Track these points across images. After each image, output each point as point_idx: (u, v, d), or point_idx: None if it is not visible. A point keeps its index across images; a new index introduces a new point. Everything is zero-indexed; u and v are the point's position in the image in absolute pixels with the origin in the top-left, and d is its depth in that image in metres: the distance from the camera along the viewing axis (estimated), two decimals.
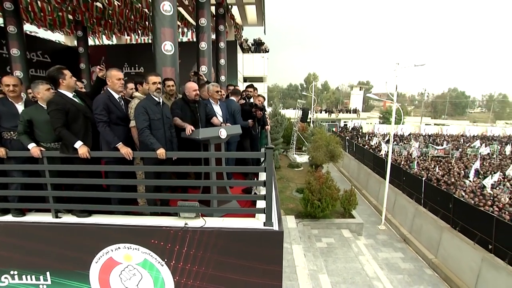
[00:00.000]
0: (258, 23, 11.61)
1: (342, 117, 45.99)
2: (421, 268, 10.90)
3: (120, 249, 2.86)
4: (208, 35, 6.71)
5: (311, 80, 70.08)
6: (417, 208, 12.80)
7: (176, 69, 4.28)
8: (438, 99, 66.55)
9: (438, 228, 11.13)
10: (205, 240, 2.77)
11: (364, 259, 10.86)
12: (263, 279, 2.83)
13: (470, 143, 25.02)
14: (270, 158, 2.73)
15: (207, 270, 2.83)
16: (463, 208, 10.37)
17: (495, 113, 59.72)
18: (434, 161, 18.99)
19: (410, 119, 46.16)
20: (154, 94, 3.00)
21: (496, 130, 31.86)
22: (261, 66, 15.75)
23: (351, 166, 23.25)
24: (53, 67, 2.90)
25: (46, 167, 2.91)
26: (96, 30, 12.21)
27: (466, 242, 9.75)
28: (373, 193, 17.71)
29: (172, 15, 4.07)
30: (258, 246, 2.78)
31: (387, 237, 13.29)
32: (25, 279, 3.05)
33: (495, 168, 16.94)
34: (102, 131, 2.84)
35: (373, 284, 9.37)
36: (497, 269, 8.44)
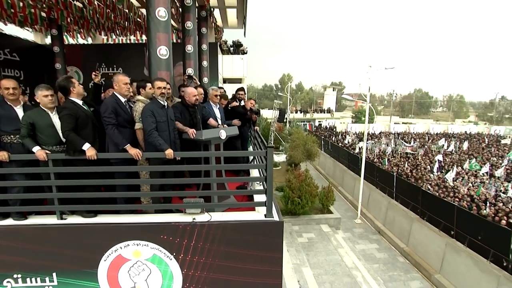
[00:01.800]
0: (238, 25, 11.83)
1: (317, 117, 47.36)
2: (395, 256, 11.73)
3: (129, 246, 2.99)
4: (194, 38, 6.86)
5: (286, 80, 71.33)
6: (389, 201, 13.70)
7: (170, 72, 4.41)
8: (405, 99, 70.62)
9: (409, 219, 12.02)
10: (212, 233, 2.99)
11: (343, 251, 11.48)
12: (266, 266, 3.10)
13: (434, 140, 26.97)
14: (270, 156, 3.01)
15: (214, 261, 3.04)
16: (430, 199, 11.32)
17: (454, 112, 64.50)
18: (403, 157, 20.31)
19: (380, 118, 48.61)
20: (159, 98, 3.17)
21: (455, 128, 34.56)
22: (240, 68, 15.99)
23: (327, 164, 24.15)
24: (61, 77, 3.01)
25: (51, 169, 2.96)
26: (70, 29, 11.77)
27: (432, 230, 10.66)
28: (349, 189, 18.58)
29: (166, 20, 4.21)
30: (260, 236, 3.04)
31: (363, 230, 14.08)
32: (29, 281, 3.06)
33: (455, 163, 18.48)
34: (111, 133, 2.96)
35: (352, 273, 9.97)
36: (458, 252, 9.36)
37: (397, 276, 10.48)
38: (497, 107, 60.32)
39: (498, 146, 25.31)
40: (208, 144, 3.46)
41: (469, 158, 19.21)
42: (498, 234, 8.38)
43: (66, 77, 3.04)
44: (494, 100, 61.18)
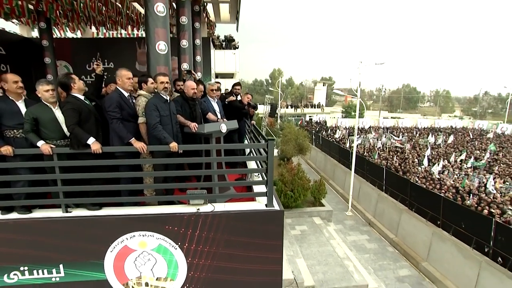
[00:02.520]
0: (231, 20, 11.83)
1: (307, 111, 47.72)
2: (384, 247, 12.14)
3: (135, 237, 3.08)
4: (189, 33, 6.88)
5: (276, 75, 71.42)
6: (379, 194, 14.09)
7: (169, 67, 4.46)
8: (393, 94, 71.87)
9: (398, 211, 12.43)
10: (215, 223, 3.11)
11: (335, 242, 11.78)
12: (267, 253, 3.25)
13: (422, 134, 27.67)
14: (271, 148, 3.14)
15: (218, 249, 3.17)
16: (418, 191, 11.72)
17: (441, 107, 66.11)
18: (392, 151, 20.81)
19: (370, 113, 49.38)
20: (162, 92, 3.24)
21: (441, 123, 35.49)
22: (232, 63, 15.99)
23: (318, 158, 24.50)
24: (61, 74, 3.06)
25: (56, 163, 3.01)
26: (59, 22, 11.52)
27: (420, 220, 11.08)
28: (340, 182, 18.96)
29: (165, 16, 4.25)
30: (262, 225, 3.19)
31: (354, 222, 14.46)
32: (36, 273, 3.12)
33: (441, 156, 19.08)
34: (116, 127, 3.02)
35: (344, 263, 10.28)
36: (444, 240, 9.79)
37: (386, 265, 10.88)
38: (480, 102, 62.07)
39: (482, 140, 26.19)
40: (209, 137, 3.57)
41: (454, 152, 19.84)
42: (480, 223, 8.80)
43: (66, 74, 3.09)
44: (478, 96, 62.94)
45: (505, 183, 13.95)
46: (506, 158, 19.39)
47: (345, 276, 9.60)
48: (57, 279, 3.14)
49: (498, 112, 56.85)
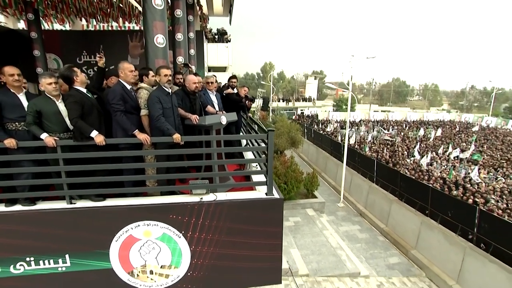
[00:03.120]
0: (223, 13, 11.78)
1: (299, 105, 47.97)
2: (375, 236, 12.52)
3: (139, 226, 3.17)
4: (184, 26, 6.86)
5: (268, 69, 71.31)
6: (370, 185, 14.45)
7: (167, 60, 4.49)
8: (383, 88, 72.79)
9: (388, 201, 12.80)
10: (218, 211, 3.22)
11: (327, 233, 12.10)
12: (267, 239, 3.40)
13: (411, 127, 28.28)
14: (271, 138, 3.25)
15: (220, 237, 3.30)
16: (407, 182, 12.08)
17: (429, 100, 67.40)
18: (382, 144, 21.24)
19: (360, 107, 49.95)
20: (165, 85, 3.30)
21: (430, 116, 36.29)
22: (225, 56, 15.93)
23: (310, 151, 24.79)
24: (63, 67, 3.06)
25: (60, 155, 3.06)
26: (47, 13, 11.23)
27: (409, 210, 11.45)
28: (332, 174, 19.29)
29: (163, 9, 4.26)
30: (262, 212, 3.33)
31: (345, 213, 14.82)
32: (42, 264, 3.18)
33: (430, 148, 19.61)
34: (120, 119, 3.08)
35: (337, 253, 10.59)
36: (432, 228, 10.19)
37: (377, 253, 11.25)
38: (467, 96, 63.52)
39: (468, 132, 26.95)
40: (209, 129, 3.65)
41: (442, 144, 20.40)
42: (465, 211, 9.20)
43: (68, 67, 3.10)
44: (465, 89, 64.36)
45: (489, 174, 14.51)
46: (490, 150, 20.07)
47: (338, 265, 9.91)
48: (63, 269, 3.21)
49: (483, 105, 58.35)
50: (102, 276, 3.27)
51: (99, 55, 3.43)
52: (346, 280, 9.32)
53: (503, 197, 11.25)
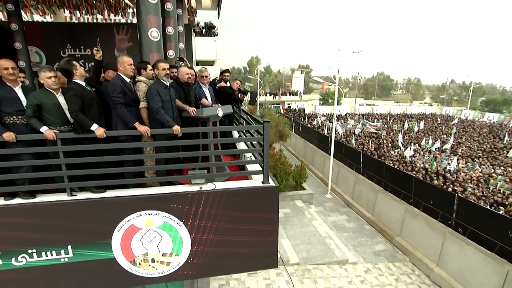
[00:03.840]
0: (212, 7, 11.72)
1: (286, 99, 48.25)
2: (362, 225, 13.00)
3: (141, 216, 3.27)
4: (174, 20, 6.85)
5: (255, 63, 71.16)
6: (357, 176, 14.90)
7: (161, 54, 4.54)
8: (368, 82, 74.22)
9: (374, 192, 13.27)
10: (217, 200, 3.36)
11: (316, 223, 12.47)
12: (263, 226, 3.58)
13: (395, 120, 29.12)
14: (267, 129, 3.41)
15: (219, 224, 3.44)
16: (392, 173, 12.56)
17: (412, 94, 69.32)
18: (368, 137, 21.83)
19: (346, 100, 50.74)
20: (164, 78, 3.38)
21: (413, 109, 37.45)
22: (213, 50, 15.88)
23: (298, 145, 25.15)
24: (62, 61, 3.09)
25: (60, 148, 3.10)
26: (27, 4, 10.83)
27: (394, 199, 11.94)
28: (319, 167, 19.71)
29: (156, 2, 4.29)
30: (259, 200, 3.50)
31: (333, 204, 15.26)
32: (44, 255, 3.22)
33: (413, 140, 20.34)
34: (121, 112, 3.14)
35: (326, 242, 10.97)
36: (415, 216, 10.70)
37: (364, 241, 11.72)
38: (447, 90, 65.67)
39: (448, 125, 28.04)
40: (206, 121, 3.77)
41: (425, 136, 21.17)
42: (445, 199, 9.72)
43: (68, 60, 3.12)
44: (446, 84, 66.49)
45: (467, 164, 15.26)
46: (468, 141, 21.03)
47: (327, 253, 10.29)
48: (66, 260, 3.27)
49: (462, 99, 60.54)
50: (104, 266, 3.35)
51: (96, 48, 3.45)
52: (335, 267, 9.71)
53: (479, 185, 11.94)
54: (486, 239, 8.29)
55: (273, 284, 8.40)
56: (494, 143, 20.21)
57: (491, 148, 18.69)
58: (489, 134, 23.60)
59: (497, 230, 8.01)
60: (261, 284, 8.29)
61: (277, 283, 8.44)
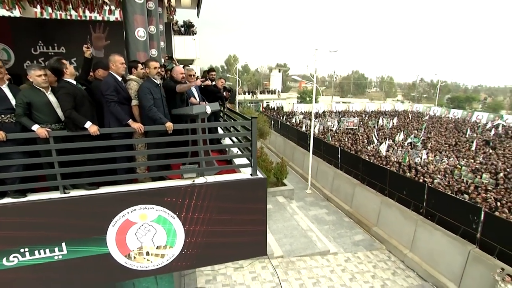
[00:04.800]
0: (191, 6, 11.73)
1: (264, 97, 48.69)
2: (341, 218, 13.58)
3: (136, 210, 3.36)
4: (156, 18, 6.88)
5: (232, 62, 71.02)
6: (335, 171, 15.49)
7: (148, 53, 4.62)
8: (344, 80, 76.50)
9: (352, 185, 13.89)
10: (209, 192, 3.53)
11: (298, 217, 12.87)
12: (253, 216, 3.80)
13: (370, 117, 30.38)
14: (255, 124, 3.62)
15: (211, 215, 3.61)
16: (368, 167, 13.22)
17: (386, 92, 72.37)
18: (344, 133, 22.66)
19: (323, 98, 52.15)
20: (155, 77, 3.48)
21: (386, 106, 39.21)
22: (192, 49, 15.79)
23: (277, 142, 25.57)
24: (52, 59, 3.10)
25: (52, 146, 3.13)
26: None
27: (371, 192, 12.60)
28: (299, 163, 20.22)
29: (143, 3, 4.37)
30: (249, 191, 3.72)
31: (313, 198, 15.77)
32: (37, 254, 3.22)
33: (387, 136, 21.38)
34: (114, 109, 3.21)
35: (307, 234, 11.38)
36: (390, 206, 11.38)
37: (344, 233, 12.28)
38: (417, 87, 69.13)
39: (418, 121, 29.69)
40: (195, 118, 3.91)
41: (398, 132, 22.32)
42: (417, 189, 10.43)
43: (57, 59, 3.15)
44: (416, 82, 69.96)
45: (435, 157, 16.34)
46: (437, 136, 22.44)
47: (309, 245, 10.69)
48: (60, 257, 3.29)
49: (431, 96, 63.94)
50: (99, 261, 3.41)
51: (86, 45, 3.49)
52: (317, 258, 10.12)
53: (446, 176, 12.88)
54: (452, 224, 9.04)
55: (258, 277, 8.65)
56: (458, 137, 21.72)
57: (455, 142, 20.09)
58: (454, 129, 25.28)
59: (461, 215, 8.76)
60: (247, 278, 8.51)
61: (263, 276, 8.70)
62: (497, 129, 23.76)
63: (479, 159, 15.95)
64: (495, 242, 7.85)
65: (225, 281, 8.22)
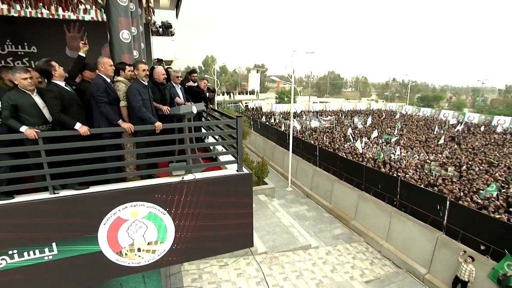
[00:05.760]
0: (170, 6, 11.67)
1: (243, 98, 48.95)
2: (321, 213, 14.08)
3: (127, 207, 3.45)
4: (137, 20, 6.89)
5: (210, 62, 70.66)
6: (314, 169, 16.01)
7: (132, 55, 4.69)
8: (321, 80, 78.43)
9: (330, 182, 14.44)
10: (198, 188, 3.69)
11: (280, 214, 13.19)
12: (240, 209, 4.00)
13: (346, 116, 31.48)
14: (240, 123, 3.83)
15: (200, 210, 3.77)
16: (345, 163, 13.82)
17: (360, 92, 75.06)
18: (322, 132, 23.38)
19: (301, 98, 53.18)
20: (143, 78, 3.59)
21: (361, 106, 40.77)
22: (171, 50, 15.67)
23: (257, 142, 25.88)
24: (41, 61, 3.12)
25: (41, 147, 3.15)
26: None
27: (348, 187, 13.18)
28: (279, 162, 20.62)
29: (127, 5, 4.44)
30: (235, 186, 3.91)
31: (294, 196, 16.20)
32: (27, 255, 3.20)
33: (363, 134, 22.32)
34: (105, 110, 3.29)
35: (289, 230, 11.73)
36: (366, 200, 12.00)
37: (324, 227, 12.76)
38: (390, 87, 72.26)
39: (392, 119, 31.17)
40: (182, 117, 4.06)
41: (372, 130, 23.35)
42: (390, 183, 11.09)
43: (46, 61, 3.17)
44: (389, 82, 73.09)
45: (407, 153, 17.34)
46: (408, 133, 23.73)
47: (291, 241, 11.03)
48: (50, 257, 3.30)
49: (402, 96, 67.10)
50: (90, 260, 3.46)
51: (83, 42, 3.52)
52: (299, 252, 10.48)
53: (417, 170, 13.75)
54: (422, 214, 9.72)
55: (243, 273, 8.84)
56: (428, 134, 23.11)
57: (425, 138, 21.37)
58: (424, 127, 26.83)
59: (430, 205, 9.46)
60: (232, 274, 8.68)
61: (248, 272, 8.90)
62: (462, 126, 25.52)
63: (446, 153, 17.13)
64: (458, 228, 8.58)
65: (211, 279, 8.34)
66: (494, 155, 16.56)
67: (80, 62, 3.57)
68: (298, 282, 8.77)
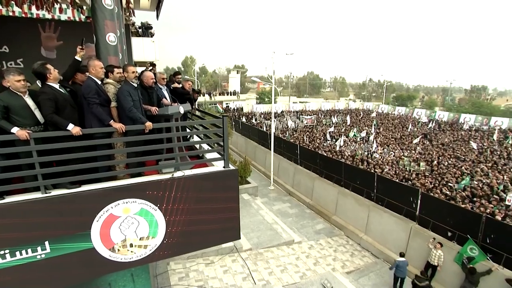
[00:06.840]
0: (150, 8, 11.64)
1: (224, 99, 48.94)
2: (303, 210, 14.52)
3: (119, 205, 3.58)
4: (120, 21, 6.91)
5: (189, 63, 70.04)
6: (295, 167, 16.45)
7: (118, 57, 4.79)
8: (300, 81, 79.86)
9: (311, 179, 14.92)
10: (187, 184, 3.88)
11: (263, 212, 13.49)
12: (227, 203, 4.24)
13: (325, 116, 32.37)
14: (225, 122, 4.06)
15: (190, 205, 3.96)
16: (325, 161, 14.34)
17: (339, 92, 77.21)
18: (302, 131, 23.97)
19: (281, 98, 53.91)
20: (133, 80, 3.73)
21: (340, 105, 42.04)
22: (151, 51, 15.54)
23: (239, 142, 26.07)
24: (36, 64, 3.19)
25: (33, 147, 3.23)
26: None
27: (328, 184, 13.70)
28: (261, 161, 20.94)
29: (113, 8, 4.54)
30: (222, 181, 4.15)
31: (276, 194, 16.56)
32: (19, 254, 3.25)
33: (342, 133, 23.11)
34: (97, 111, 3.40)
35: (273, 227, 12.04)
36: (346, 196, 12.55)
37: (306, 223, 13.20)
38: (367, 87, 74.84)
39: (369, 118, 32.43)
40: (169, 118, 4.23)
41: (351, 129, 24.23)
42: (368, 178, 11.69)
43: (42, 63, 3.25)
44: (366, 82, 75.67)
45: (384, 150, 18.21)
46: (384, 131, 24.83)
47: (275, 237, 11.35)
48: (43, 256, 3.37)
49: (379, 95, 69.69)
50: (83, 257, 3.55)
51: (80, 46, 3.59)
52: (283, 248, 10.81)
53: (393, 166, 14.52)
54: (397, 206, 10.36)
55: (230, 270, 9.03)
56: (402, 132, 24.30)
57: (400, 136, 22.48)
58: (399, 125, 28.14)
59: (404, 198, 10.11)
60: (219, 272, 8.85)
61: (234, 268, 9.11)
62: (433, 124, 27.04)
63: (419, 149, 18.16)
64: (429, 217, 9.25)
65: (197, 277, 8.47)
66: (461, 150, 17.77)
67: (76, 66, 3.65)
68: (283, 276, 9.09)
